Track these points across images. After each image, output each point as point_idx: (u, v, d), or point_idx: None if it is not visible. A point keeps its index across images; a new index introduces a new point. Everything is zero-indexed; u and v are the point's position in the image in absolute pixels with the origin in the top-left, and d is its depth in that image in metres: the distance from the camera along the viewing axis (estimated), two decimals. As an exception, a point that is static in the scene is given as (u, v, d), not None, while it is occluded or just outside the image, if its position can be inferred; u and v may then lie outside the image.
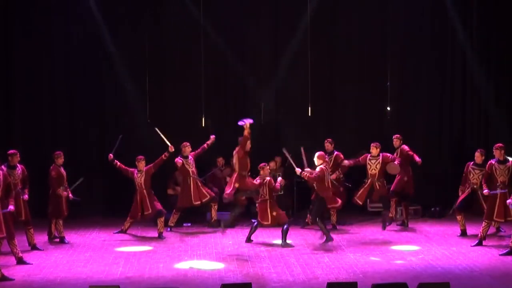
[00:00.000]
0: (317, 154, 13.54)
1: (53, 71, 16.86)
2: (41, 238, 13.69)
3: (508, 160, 12.99)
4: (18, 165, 12.81)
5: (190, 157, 14.95)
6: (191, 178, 14.90)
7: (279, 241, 13.40)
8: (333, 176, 14.77)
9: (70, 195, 13.85)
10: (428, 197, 16.45)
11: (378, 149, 14.73)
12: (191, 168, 14.90)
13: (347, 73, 17.44)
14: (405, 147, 15.04)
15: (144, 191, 14.39)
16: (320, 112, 17.16)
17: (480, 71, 17.29)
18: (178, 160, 14.82)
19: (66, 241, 13.71)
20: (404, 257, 12.32)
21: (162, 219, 14.40)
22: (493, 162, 13.05)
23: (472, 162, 13.91)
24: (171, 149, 14.70)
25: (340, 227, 15.03)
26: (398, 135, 15.20)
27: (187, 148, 14.95)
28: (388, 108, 17.39)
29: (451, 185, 15.54)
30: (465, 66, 17.30)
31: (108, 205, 16.40)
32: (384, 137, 16.10)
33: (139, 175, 14.46)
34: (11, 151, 12.85)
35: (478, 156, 13.87)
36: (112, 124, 17.08)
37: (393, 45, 17.27)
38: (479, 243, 13.06)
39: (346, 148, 17.20)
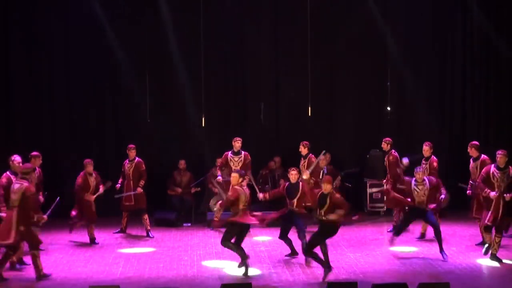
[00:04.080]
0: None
1: (52, 71, 16.85)
2: (44, 239, 13.64)
3: (508, 167, 12.02)
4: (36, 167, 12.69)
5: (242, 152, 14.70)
6: None
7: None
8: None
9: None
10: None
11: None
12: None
13: (347, 73, 17.43)
14: (393, 157, 14.71)
15: (131, 182, 14.39)
16: (320, 112, 17.17)
17: (480, 70, 17.31)
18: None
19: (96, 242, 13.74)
20: (404, 257, 12.33)
21: (145, 216, 14.38)
22: (493, 168, 12.05)
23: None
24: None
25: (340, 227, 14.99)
26: (389, 139, 14.92)
27: (237, 143, 14.62)
28: (388, 108, 17.40)
29: (452, 185, 15.51)
30: (465, 66, 17.32)
31: (108, 205, 16.39)
32: (384, 137, 16.11)
33: (129, 165, 14.51)
34: (34, 153, 12.80)
35: (427, 150, 13.82)
36: (112, 124, 17.09)
37: (393, 45, 17.27)
38: (482, 243, 12.92)
39: (346, 148, 17.28)
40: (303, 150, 14.58)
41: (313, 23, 16.80)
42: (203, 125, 16.70)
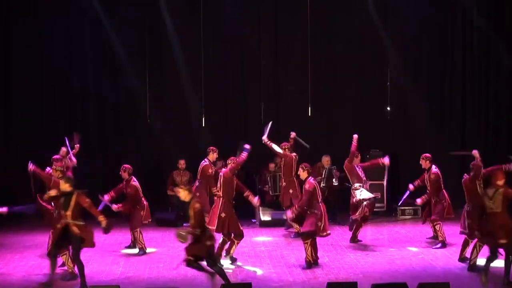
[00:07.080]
0: None
1: (52, 70, 16.89)
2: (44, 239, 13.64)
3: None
4: None
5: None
6: None
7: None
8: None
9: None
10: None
11: None
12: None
13: (347, 73, 17.45)
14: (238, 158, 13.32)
15: None
16: (320, 112, 17.17)
17: (480, 70, 17.32)
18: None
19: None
20: (404, 257, 12.33)
21: None
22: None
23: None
24: None
25: (340, 227, 15.02)
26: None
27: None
28: (388, 108, 17.41)
29: (451, 185, 15.52)
30: (465, 65, 17.33)
31: (108, 205, 16.39)
32: (384, 137, 16.14)
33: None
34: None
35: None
36: (113, 124, 17.10)
37: (393, 45, 17.29)
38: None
39: (346, 148, 17.25)
40: (302, 174, 12.17)
41: (313, 23, 16.81)
42: (203, 125, 16.71)
